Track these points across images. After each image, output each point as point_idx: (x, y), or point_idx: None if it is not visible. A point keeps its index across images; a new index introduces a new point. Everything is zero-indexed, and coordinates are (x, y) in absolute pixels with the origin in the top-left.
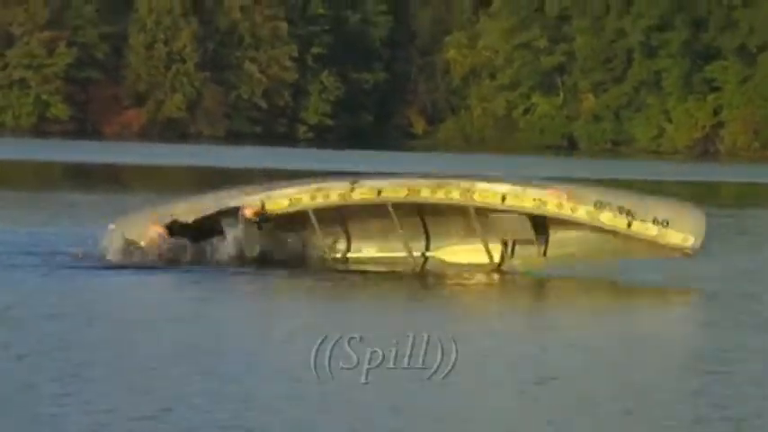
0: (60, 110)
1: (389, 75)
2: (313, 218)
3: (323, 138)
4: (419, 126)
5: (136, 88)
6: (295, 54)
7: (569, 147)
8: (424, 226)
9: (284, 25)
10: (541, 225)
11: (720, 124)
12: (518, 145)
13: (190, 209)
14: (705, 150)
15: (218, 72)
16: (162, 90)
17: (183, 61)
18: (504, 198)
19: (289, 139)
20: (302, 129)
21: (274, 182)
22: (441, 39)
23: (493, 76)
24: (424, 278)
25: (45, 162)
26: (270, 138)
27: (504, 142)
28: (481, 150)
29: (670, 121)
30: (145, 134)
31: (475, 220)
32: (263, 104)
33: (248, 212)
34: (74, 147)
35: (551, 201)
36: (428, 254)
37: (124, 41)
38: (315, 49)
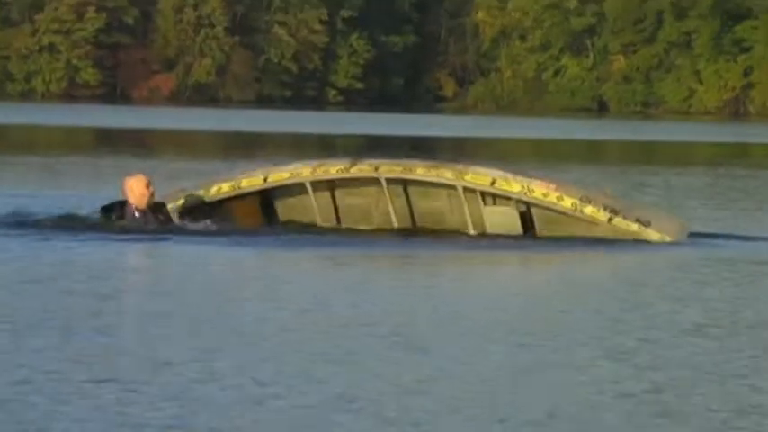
0: (90, 75)
1: (419, 37)
2: (310, 189)
3: (353, 101)
4: (449, 88)
5: (165, 53)
6: (324, 17)
7: (599, 109)
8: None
9: None
10: (529, 221)
11: (750, 85)
12: (548, 107)
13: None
14: (735, 111)
15: (248, 36)
16: (191, 54)
17: (212, 25)
18: (493, 182)
19: (318, 103)
20: (332, 92)
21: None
22: (470, 0)
23: (523, 38)
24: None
25: (74, 127)
26: (299, 102)
27: (534, 105)
28: (511, 113)
29: (700, 82)
30: (174, 99)
31: (463, 201)
32: (293, 68)
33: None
34: (103, 111)
35: (538, 189)
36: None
37: (153, 6)
38: (344, 12)
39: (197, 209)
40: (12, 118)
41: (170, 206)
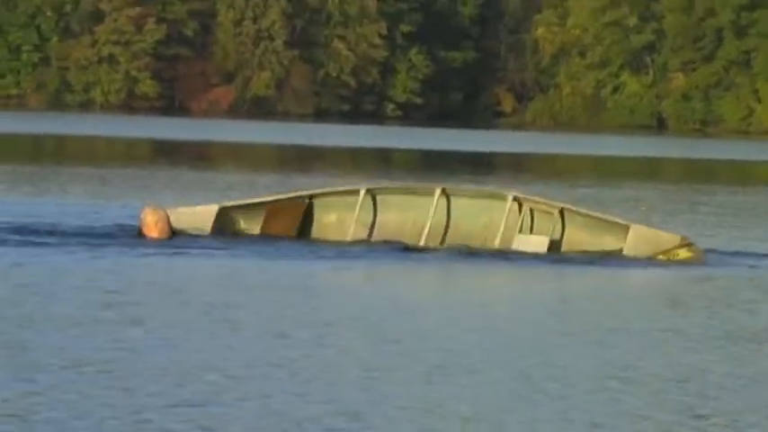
0: (149, 86)
1: (478, 53)
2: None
3: (411, 116)
4: (507, 104)
5: (224, 66)
6: (384, 31)
7: (658, 126)
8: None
9: (373, 3)
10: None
11: None
12: (606, 124)
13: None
14: None
15: (307, 50)
16: (250, 68)
17: (272, 39)
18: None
19: (376, 117)
20: (390, 107)
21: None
22: (530, 17)
23: (582, 55)
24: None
25: (133, 139)
26: (357, 116)
27: (592, 121)
28: (569, 129)
29: (759, 101)
30: (232, 112)
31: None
32: (351, 82)
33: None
34: (162, 123)
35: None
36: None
37: (213, 18)
38: (404, 27)
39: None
40: (70, 128)
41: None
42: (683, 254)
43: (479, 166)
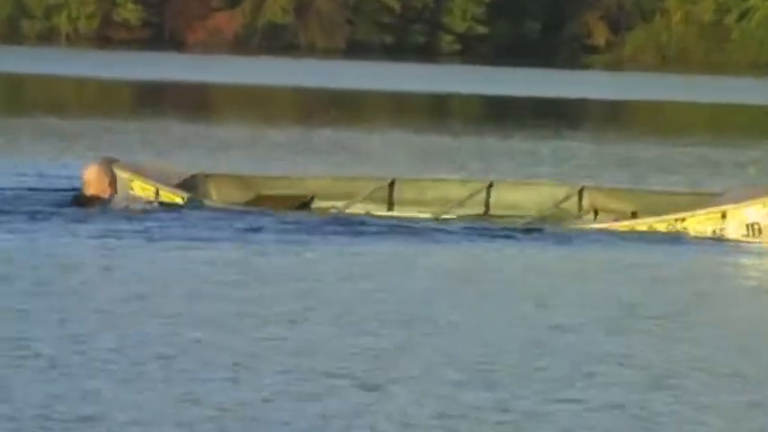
0: (130, 11)
1: None
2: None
3: (473, 51)
4: (600, 36)
5: None
6: None
7: None
8: None
9: None
10: None
11: None
12: (729, 61)
13: None
14: None
15: None
16: None
17: None
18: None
19: (428, 53)
20: (446, 39)
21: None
22: None
23: None
24: None
25: (109, 80)
26: (403, 51)
27: (711, 58)
28: (680, 68)
29: None
30: (239, 45)
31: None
32: (395, 6)
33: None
34: (146, 60)
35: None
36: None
37: None
38: None
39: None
40: (27, 66)
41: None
42: None
43: (562, 117)
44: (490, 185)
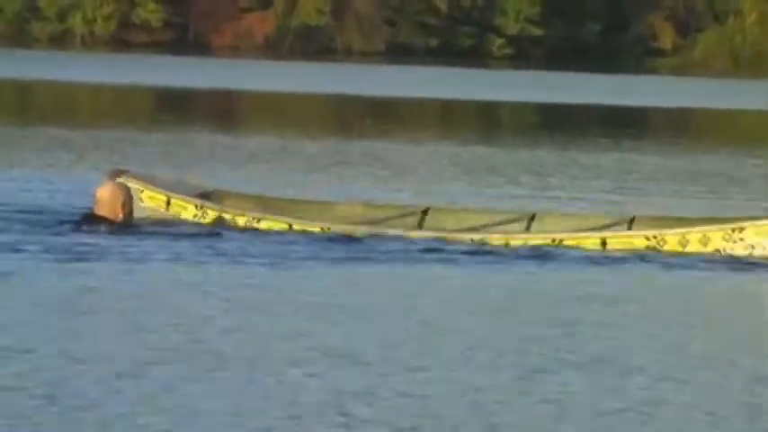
0: (151, 11)
1: None
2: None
3: (526, 54)
4: (667, 39)
5: None
6: None
7: None
8: None
9: None
10: None
11: None
12: None
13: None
14: None
15: None
16: None
17: None
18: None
19: (477, 57)
20: (497, 42)
21: None
22: None
23: None
24: None
25: (127, 87)
26: (449, 55)
27: None
28: (754, 73)
29: None
30: (271, 48)
31: None
32: (441, 7)
33: None
34: (169, 65)
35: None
36: None
37: None
38: None
39: None
40: (38, 71)
41: None
42: None
43: (624, 127)
44: (532, 218)
